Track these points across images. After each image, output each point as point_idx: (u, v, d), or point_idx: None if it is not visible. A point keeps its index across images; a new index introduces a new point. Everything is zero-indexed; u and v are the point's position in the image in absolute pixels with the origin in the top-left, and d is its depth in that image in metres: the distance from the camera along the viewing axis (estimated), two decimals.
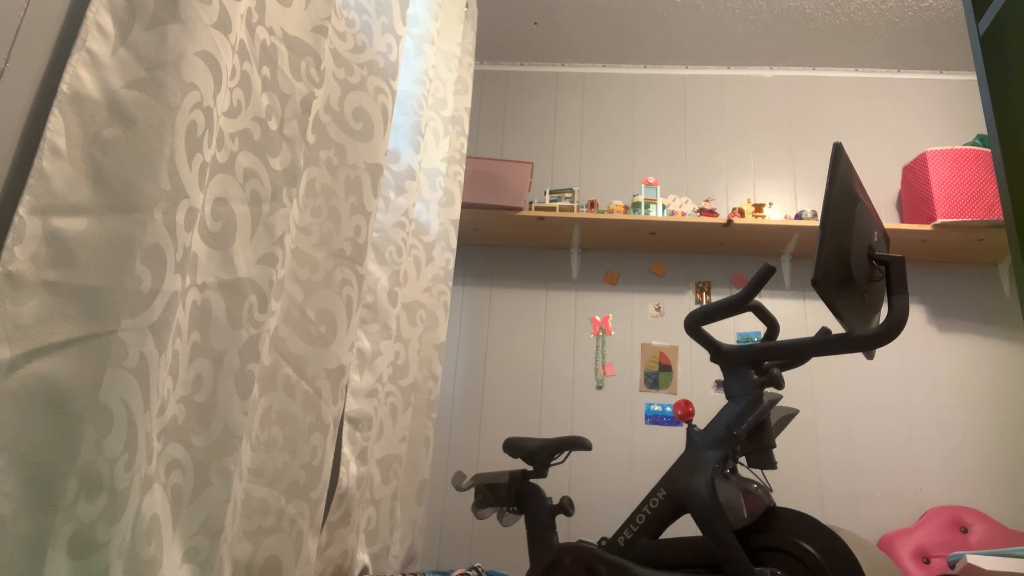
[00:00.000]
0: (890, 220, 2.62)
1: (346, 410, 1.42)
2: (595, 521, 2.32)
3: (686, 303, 2.60)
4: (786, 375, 2.44)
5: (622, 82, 2.94)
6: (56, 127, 0.71)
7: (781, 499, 2.27)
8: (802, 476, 2.34)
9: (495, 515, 1.60)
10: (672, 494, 1.25)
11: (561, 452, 1.54)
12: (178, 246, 0.80)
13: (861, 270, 1.13)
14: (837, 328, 1.16)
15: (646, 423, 2.45)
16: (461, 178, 2.10)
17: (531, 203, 2.58)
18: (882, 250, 1.23)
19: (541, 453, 1.54)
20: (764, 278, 1.23)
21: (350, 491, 1.40)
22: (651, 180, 2.65)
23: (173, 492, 0.87)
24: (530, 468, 1.56)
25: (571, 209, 2.51)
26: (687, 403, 1.36)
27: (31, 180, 0.69)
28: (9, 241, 0.67)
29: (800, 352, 1.21)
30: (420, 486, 1.85)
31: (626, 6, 2.61)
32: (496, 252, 2.71)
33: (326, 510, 1.32)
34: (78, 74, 0.74)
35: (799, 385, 2.45)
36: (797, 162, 2.75)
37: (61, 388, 0.67)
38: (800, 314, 2.55)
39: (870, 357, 1.35)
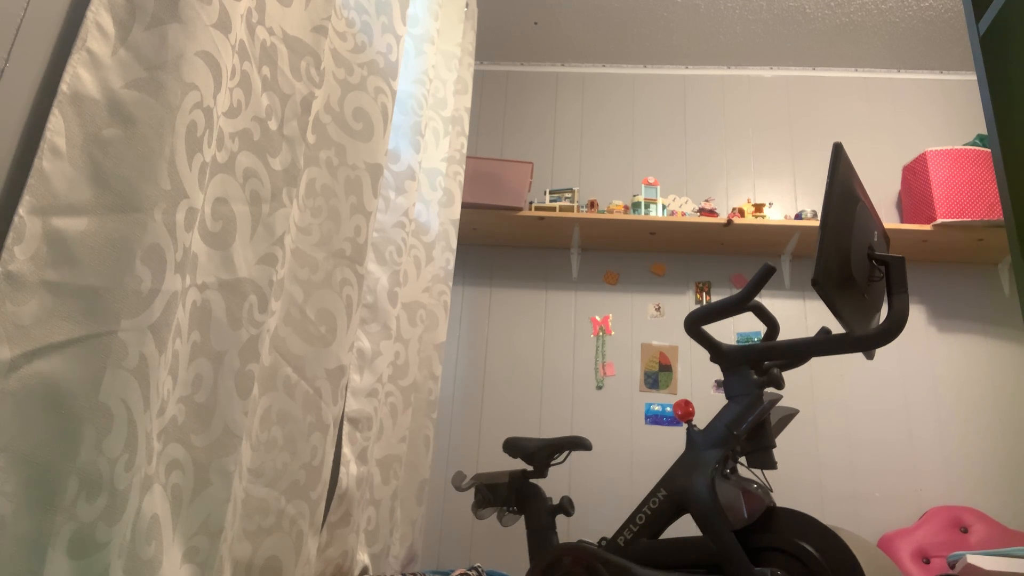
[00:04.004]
0: (890, 220, 2.62)
1: (346, 410, 1.42)
2: (595, 521, 2.32)
3: (686, 303, 2.60)
4: (786, 375, 2.45)
5: (622, 82, 2.94)
6: (56, 127, 0.71)
7: (781, 499, 2.27)
8: (802, 476, 2.34)
9: (495, 515, 1.60)
10: (672, 494, 1.24)
11: (561, 452, 1.54)
12: (178, 246, 0.80)
13: (861, 270, 1.13)
14: (837, 328, 1.16)
15: (646, 423, 2.44)
16: (461, 178, 2.10)
17: (531, 203, 2.57)
18: (882, 250, 1.23)
19: (541, 453, 1.54)
20: (764, 278, 1.23)
21: (350, 491, 1.40)
22: (651, 180, 2.65)
23: (173, 492, 0.87)
24: (530, 468, 1.56)
25: (571, 209, 2.51)
26: (687, 403, 1.36)
27: (31, 180, 0.69)
28: (9, 241, 0.67)
29: (800, 352, 1.21)
30: (420, 486, 1.85)
31: (626, 6, 2.61)
32: (496, 252, 2.71)
33: (326, 510, 1.32)
34: (78, 74, 0.74)
35: (799, 385, 2.45)
36: (797, 162, 2.75)
37: (61, 388, 0.67)
38: (800, 314, 2.54)
39: (870, 357, 1.35)
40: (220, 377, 0.94)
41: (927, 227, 2.33)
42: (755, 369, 1.28)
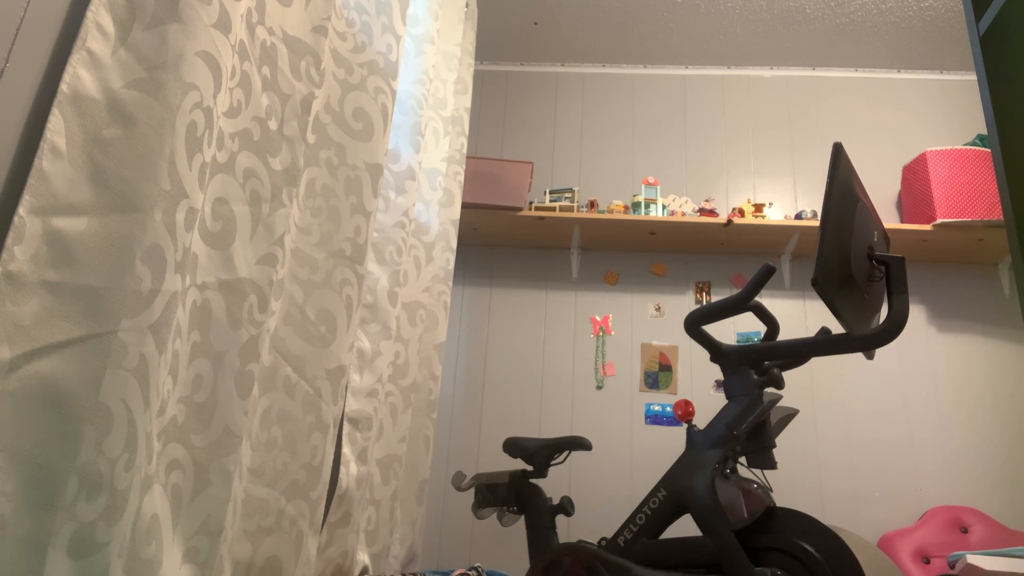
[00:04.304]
0: (890, 220, 2.62)
1: (346, 410, 1.42)
2: (595, 521, 2.32)
3: (686, 303, 2.60)
4: (786, 375, 2.44)
5: (622, 82, 2.94)
6: (56, 127, 0.71)
7: (781, 499, 2.27)
8: (802, 476, 2.34)
9: (495, 515, 1.60)
10: (672, 494, 1.25)
11: (561, 452, 1.54)
12: (178, 246, 0.80)
13: (861, 270, 1.13)
14: (837, 328, 1.16)
15: (646, 423, 2.44)
16: (461, 178, 2.10)
17: (531, 203, 2.57)
18: (882, 250, 1.23)
19: (541, 453, 1.54)
20: (764, 278, 1.23)
21: (350, 491, 1.40)
22: (651, 180, 2.65)
23: (173, 492, 0.87)
24: (530, 468, 1.56)
25: (571, 209, 2.51)
26: (687, 403, 1.36)
27: (31, 180, 0.69)
28: (9, 241, 0.67)
29: (800, 352, 1.21)
30: (420, 486, 1.85)
31: (626, 6, 2.61)
32: (496, 252, 2.71)
33: (326, 510, 1.32)
34: (78, 74, 0.74)
35: (799, 385, 2.45)
36: (797, 162, 2.75)
37: (61, 388, 0.67)
38: (800, 314, 2.54)
39: (870, 357, 1.35)
40: (220, 377, 0.94)
41: (927, 227, 2.33)
42: (755, 369, 1.28)
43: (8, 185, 0.70)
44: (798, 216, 2.51)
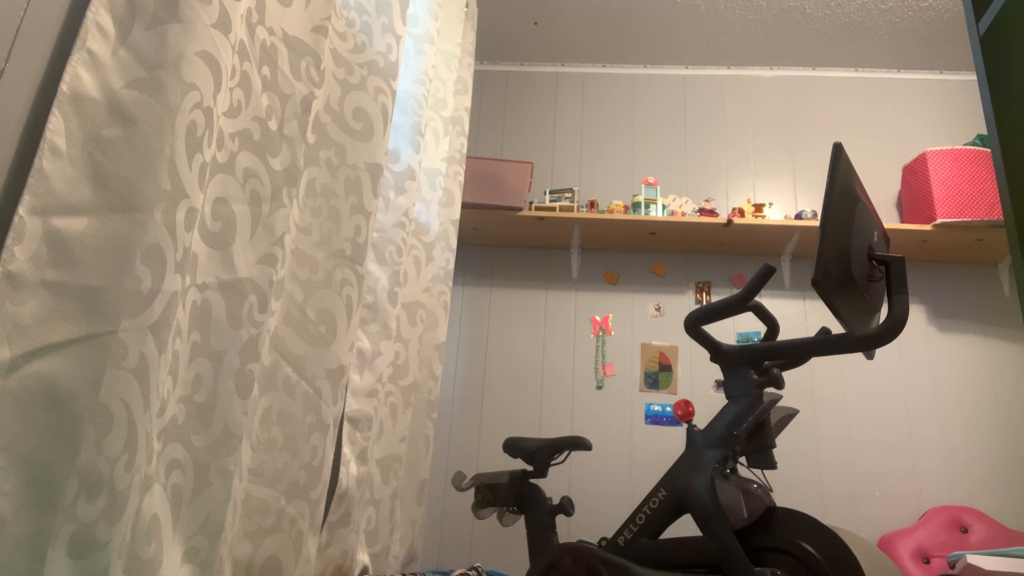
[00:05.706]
0: (890, 220, 2.62)
1: (346, 410, 1.42)
2: (595, 521, 2.32)
3: (686, 303, 2.60)
4: (786, 375, 2.44)
5: (622, 82, 2.93)
6: (56, 127, 0.71)
7: (781, 499, 2.27)
8: (802, 476, 2.34)
9: (495, 515, 1.60)
10: (672, 494, 1.25)
11: (561, 452, 1.54)
12: (178, 246, 0.80)
13: (861, 270, 1.13)
14: (837, 328, 1.16)
15: (646, 423, 2.44)
16: (461, 178, 2.10)
17: (531, 203, 2.57)
18: (882, 250, 1.23)
19: (541, 453, 1.54)
20: (764, 278, 1.23)
21: (350, 491, 1.40)
22: (651, 180, 2.65)
23: (173, 492, 0.87)
24: (530, 468, 1.56)
25: (571, 209, 2.51)
26: (687, 403, 1.36)
27: (31, 180, 0.69)
28: (9, 241, 0.67)
29: (800, 352, 1.21)
30: (420, 486, 1.85)
31: (626, 6, 2.61)
32: (496, 252, 2.71)
33: (326, 510, 1.32)
34: (78, 74, 0.74)
35: (799, 385, 2.45)
36: (797, 162, 2.75)
37: (61, 388, 0.67)
38: (800, 314, 2.54)
39: (870, 357, 1.35)
40: (220, 377, 0.94)
41: (927, 227, 2.33)
42: (755, 369, 1.28)
43: (8, 185, 0.70)
44: (798, 216, 2.51)
